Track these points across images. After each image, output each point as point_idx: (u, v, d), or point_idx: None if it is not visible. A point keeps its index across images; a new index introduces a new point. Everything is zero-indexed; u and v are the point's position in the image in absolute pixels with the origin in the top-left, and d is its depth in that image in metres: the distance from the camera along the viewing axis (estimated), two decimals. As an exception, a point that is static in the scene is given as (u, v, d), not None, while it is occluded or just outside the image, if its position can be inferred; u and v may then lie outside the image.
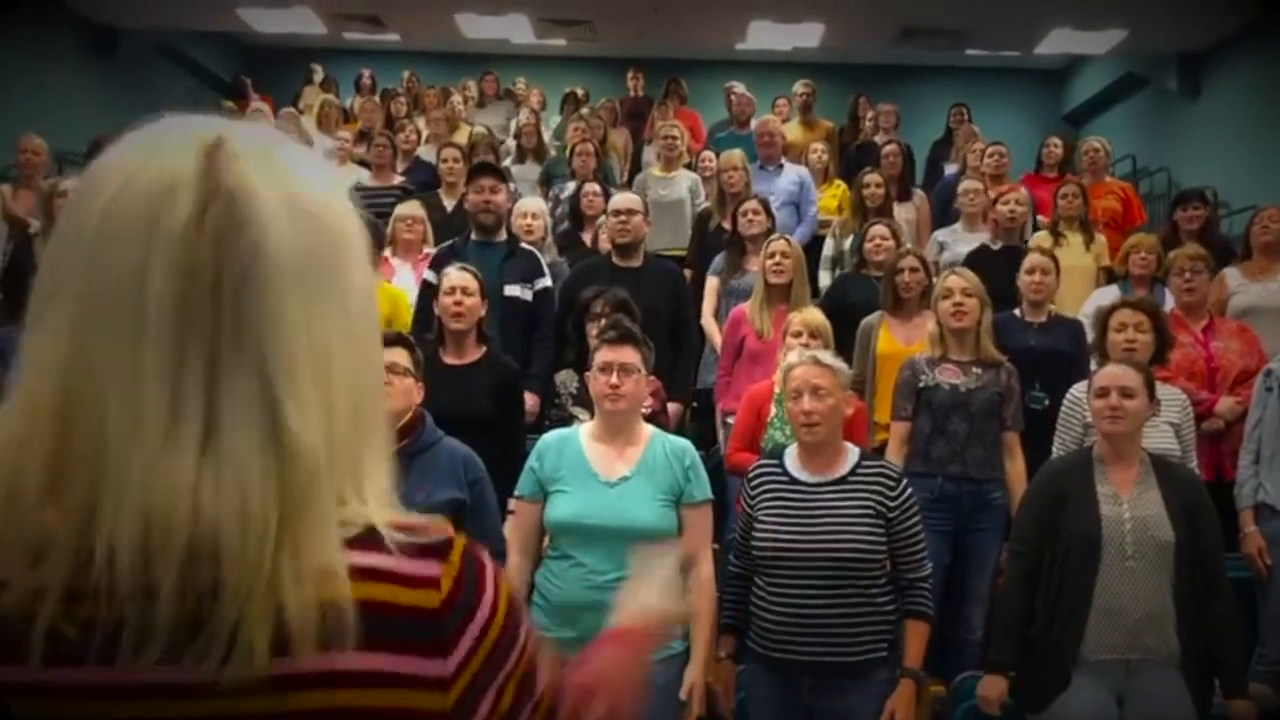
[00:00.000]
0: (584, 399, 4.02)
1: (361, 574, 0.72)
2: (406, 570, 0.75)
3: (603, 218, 5.85)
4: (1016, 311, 4.88)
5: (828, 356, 3.36)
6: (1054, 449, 4.03)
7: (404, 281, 5.48)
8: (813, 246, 6.50)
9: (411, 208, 5.90)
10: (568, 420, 4.24)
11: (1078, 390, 3.98)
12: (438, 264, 4.77)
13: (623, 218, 5.24)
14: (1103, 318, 4.21)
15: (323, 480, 0.72)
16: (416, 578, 0.75)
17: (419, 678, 0.73)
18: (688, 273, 5.88)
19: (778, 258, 4.87)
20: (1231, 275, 5.52)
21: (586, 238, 6.42)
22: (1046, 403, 4.51)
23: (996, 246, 5.93)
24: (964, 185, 6.65)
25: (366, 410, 0.78)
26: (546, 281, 5.04)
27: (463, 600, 0.76)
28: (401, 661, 0.73)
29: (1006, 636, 3.24)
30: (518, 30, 10.57)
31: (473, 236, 5.12)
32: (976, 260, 5.72)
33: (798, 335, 4.19)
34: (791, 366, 3.30)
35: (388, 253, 5.75)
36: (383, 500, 0.78)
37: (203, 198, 0.71)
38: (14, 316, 4.89)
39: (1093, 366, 3.96)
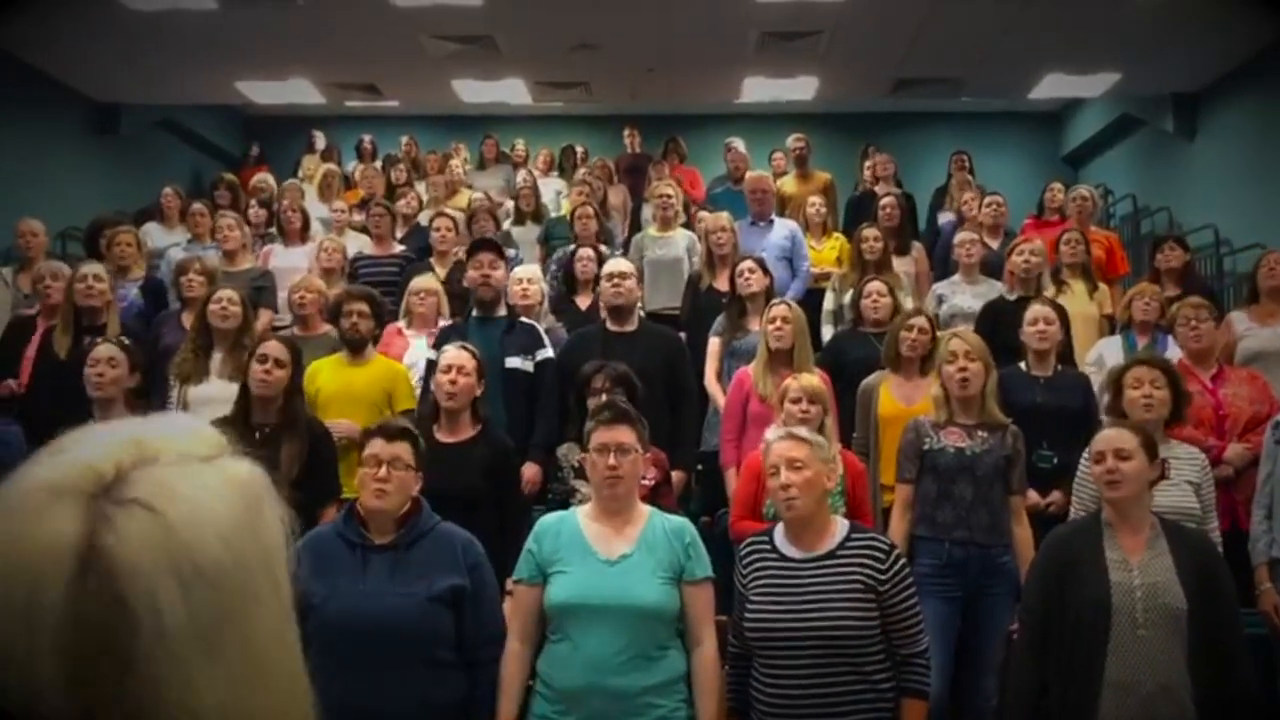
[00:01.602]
0: (586, 473, 3.99)
1: None
2: None
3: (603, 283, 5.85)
4: (1022, 365, 4.83)
5: (803, 431, 3.32)
6: (1071, 514, 3.96)
7: (418, 354, 5.48)
8: (811, 299, 6.49)
9: (425, 281, 5.93)
10: (570, 493, 4.21)
11: (1088, 455, 3.92)
12: (440, 343, 4.79)
13: (615, 281, 5.24)
14: (1116, 377, 4.14)
15: None
16: None
17: None
18: (683, 335, 5.85)
19: (778, 323, 4.84)
20: (1238, 319, 5.49)
21: (581, 302, 6.41)
22: (1055, 461, 4.46)
23: (1012, 297, 5.84)
24: (960, 236, 6.62)
25: None
26: (547, 352, 5.05)
27: None
28: None
29: (1020, 713, 3.15)
30: (514, 94, 10.67)
31: (474, 313, 5.15)
32: (992, 313, 5.69)
33: (796, 402, 4.15)
34: (769, 443, 3.26)
35: (401, 324, 5.77)
36: None
37: (76, 583, 0.68)
38: (36, 409, 4.94)
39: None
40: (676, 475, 4.80)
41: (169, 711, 0.68)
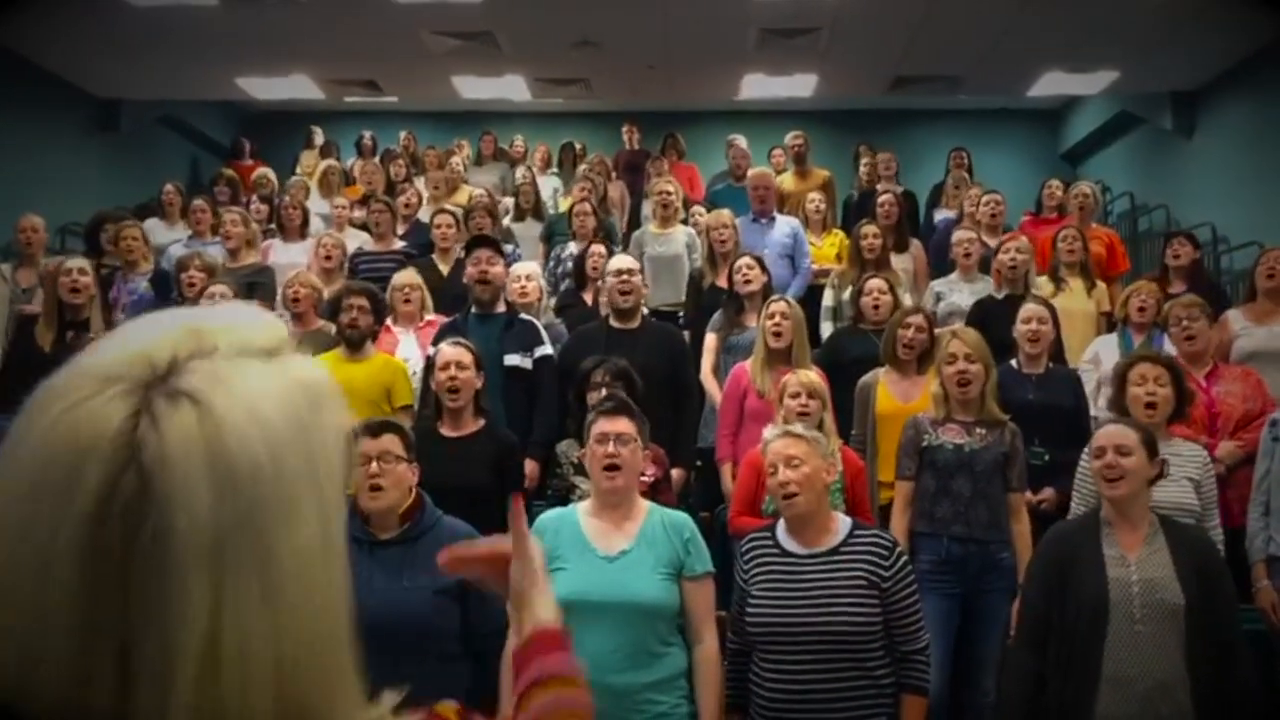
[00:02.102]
0: (585, 469, 4.00)
1: None
2: None
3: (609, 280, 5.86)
4: (1014, 363, 4.85)
5: (800, 427, 3.34)
6: (1071, 512, 3.98)
7: (407, 350, 5.50)
8: (811, 296, 6.51)
9: (407, 276, 5.92)
10: (569, 489, 4.23)
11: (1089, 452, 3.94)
12: (439, 340, 4.80)
13: (624, 277, 5.25)
14: (1120, 372, 4.16)
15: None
16: None
17: None
18: (686, 334, 5.87)
19: (777, 319, 4.86)
20: (1235, 318, 5.50)
21: (588, 297, 6.44)
22: (1047, 458, 4.49)
23: (1000, 296, 5.90)
24: (958, 235, 6.64)
25: (319, 663, 0.71)
26: (546, 349, 5.06)
27: None
28: None
29: (1018, 709, 3.16)
30: (514, 90, 10.68)
31: (472, 310, 5.16)
32: (981, 311, 5.71)
33: (795, 396, 4.18)
34: (767, 442, 3.28)
35: (389, 322, 5.77)
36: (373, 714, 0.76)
37: (110, 473, 0.66)
38: (14, 401, 4.94)
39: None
40: (677, 472, 4.82)
41: (185, 625, 0.65)
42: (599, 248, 6.57)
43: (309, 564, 0.71)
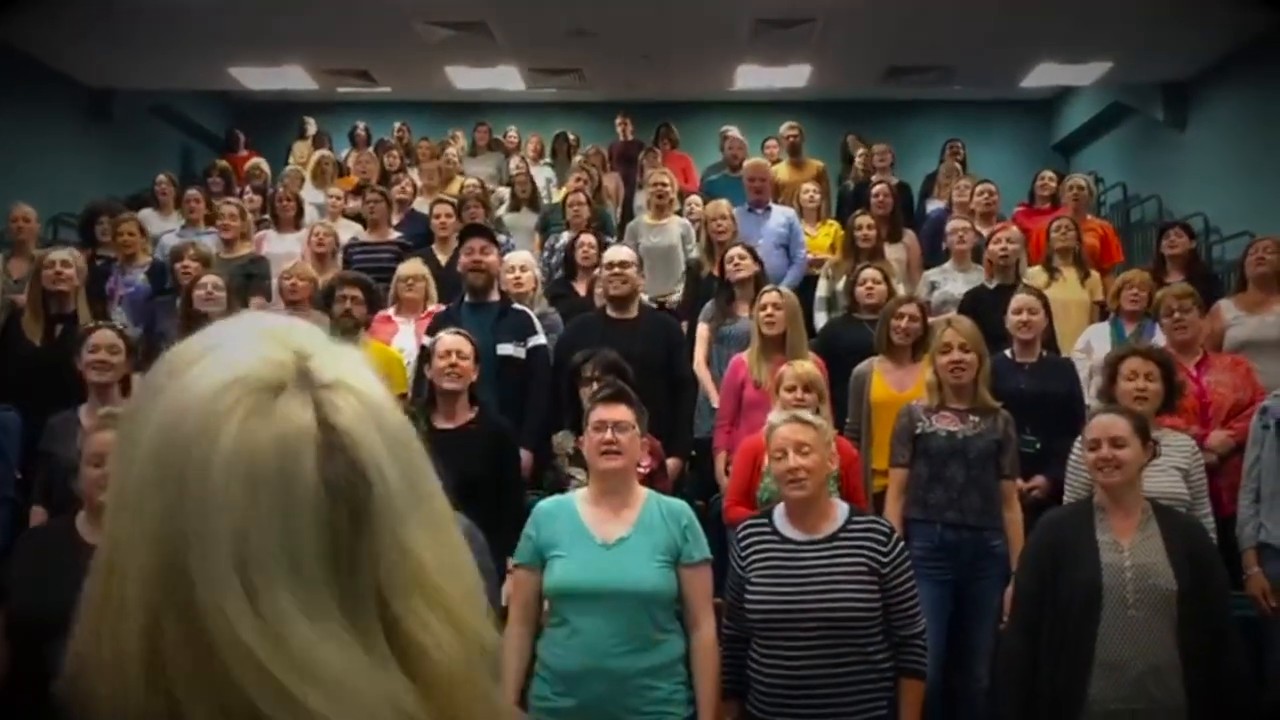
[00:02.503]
0: (580, 459, 4.01)
1: None
2: None
3: (598, 269, 5.87)
4: (1007, 353, 4.88)
5: (808, 414, 3.36)
6: (1064, 499, 4.01)
7: (406, 340, 5.50)
8: (806, 286, 6.53)
9: (413, 266, 5.93)
10: (564, 480, 4.24)
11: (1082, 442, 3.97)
12: (433, 330, 4.80)
13: (618, 270, 5.26)
14: (1112, 364, 4.20)
15: (472, 685, 0.79)
16: None
17: None
18: (683, 325, 5.88)
19: (770, 309, 4.87)
20: (1227, 307, 5.51)
21: (580, 288, 6.44)
22: (1038, 446, 4.52)
23: (992, 286, 5.93)
24: (952, 224, 6.68)
25: (481, 610, 0.83)
26: (539, 339, 5.06)
27: None
28: None
29: (1012, 693, 3.19)
30: (508, 80, 10.66)
31: (465, 299, 5.16)
32: (973, 301, 5.73)
33: (791, 389, 4.19)
34: (774, 426, 3.30)
35: (390, 311, 5.78)
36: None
37: (323, 459, 0.75)
38: (2, 393, 4.96)
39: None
40: (673, 462, 4.84)
41: (398, 562, 0.77)
42: (588, 237, 6.57)
43: (447, 514, 0.84)
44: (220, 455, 0.74)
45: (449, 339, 4.19)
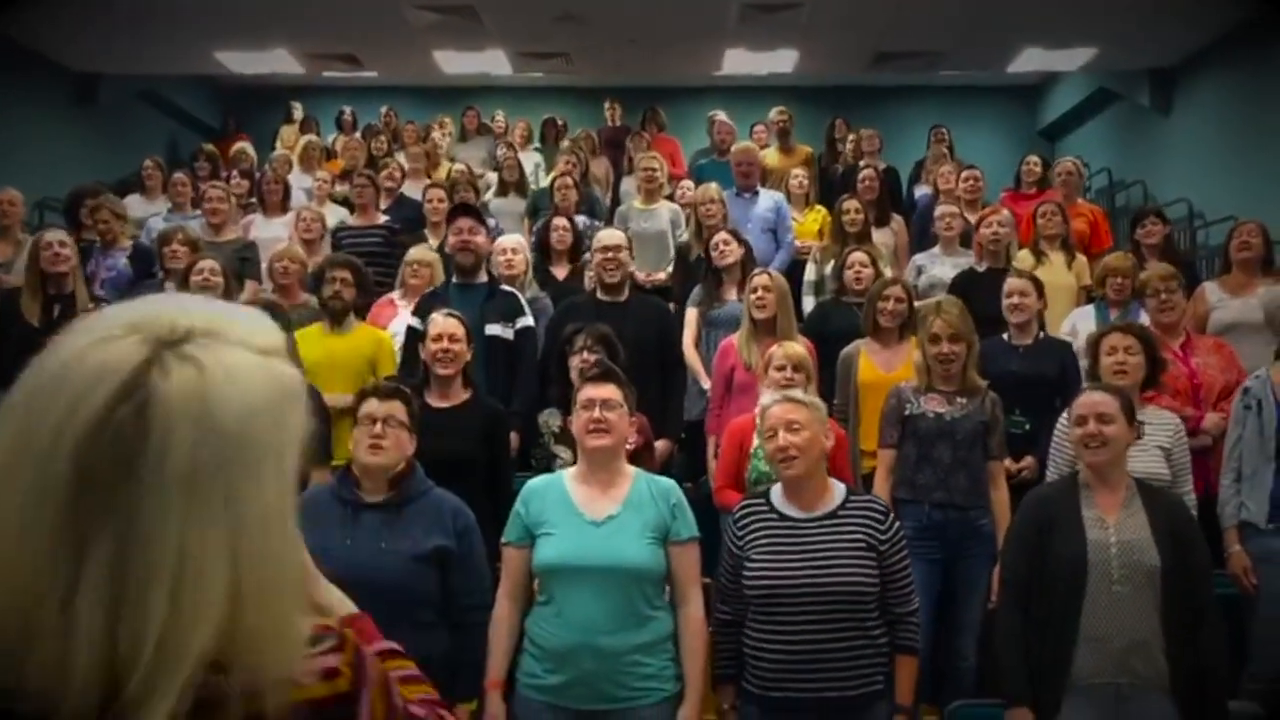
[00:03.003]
0: (566, 438, 4.03)
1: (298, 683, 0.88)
2: (322, 667, 0.92)
3: (587, 254, 5.88)
4: (1005, 335, 4.92)
5: (799, 393, 3.38)
6: (1047, 477, 4.05)
7: (403, 324, 5.48)
8: (794, 271, 6.55)
9: (420, 252, 5.96)
10: (550, 459, 4.26)
11: (1066, 419, 4.00)
12: (422, 310, 4.80)
13: (610, 254, 5.27)
14: (1094, 342, 4.25)
15: (148, 676, 0.79)
16: (330, 670, 0.92)
17: None
18: (673, 307, 5.89)
19: (760, 292, 4.89)
20: (1211, 290, 5.56)
21: (558, 272, 6.43)
22: (1027, 427, 4.55)
23: (982, 269, 5.95)
24: (940, 209, 6.70)
25: (270, 606, 0.85)
26: (528, 320, 5.06)
27: (359, 680, 0.95)
28: None
29: (1013, 667, 3.20)
30: (495, 65, 10.64)
31: (454, 279, 5.14)
32: (963, 284, 5.76)
33: (780, 369, 4.21)
34: (766, 406, 3.32)
35: (395, 295, 5.79)
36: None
37: (116, 397, 0.80)
38: (4, 375, 4.93)
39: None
40: (662, 444, 4.86)
41: (161, 542, 0.79)
42: (561, 221, 6.57)
43: (267, 519, 0.85)
44: (55, 359, 0.82)
45: (442, 322, 4.19)
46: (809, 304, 6.32)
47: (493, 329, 4.93)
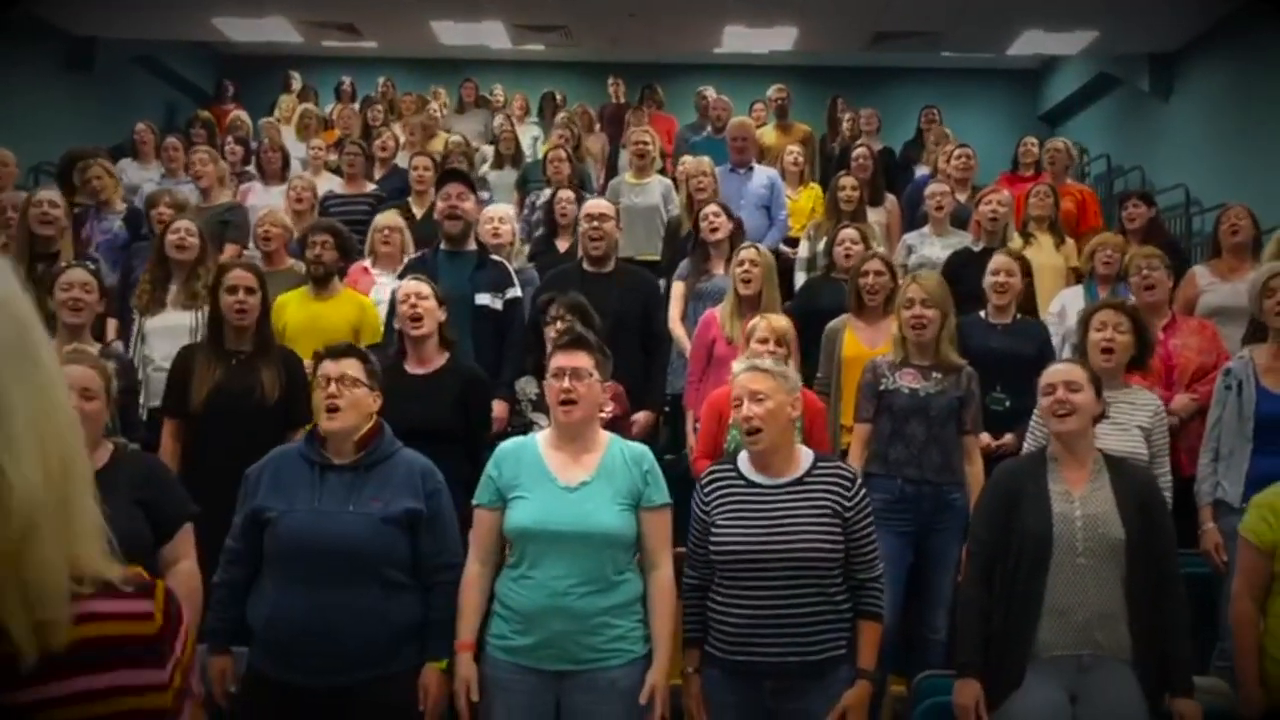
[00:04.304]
0: (543, 405, 4.03)
1: (102, 617, 0.94)
2: (132, 609, 0.98)
3: (582, 224, 5.87)
4: (982, 313, 4.92)
5: (768, 362, 3.38)
6: (1024, 450, 4.06)
7: (385, 293, 5.48)
8: (789, 246, 6.54)
9: (388, 218, 5.92)
10: (527, 426, 4.26)
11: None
12: (404, 276, 4.79)
13: (595, 223, 5.26)
14: (1084, 319, 4.25)
15: (42, 529, 0.89)
16: (139, 614, 0.98)
17: (150, 685, 0.97)
18: (662, 281, 5.89)
19: (746, 266, 4.88)
20: (1201, 273, 5.56)
21: (561, 245, 6.43)
22: (1007, 404, 4.56)
23: (978, 248, 5.93)
24: (930, 188, 6.68)
25: (73, 471, 0.93)
26: (516, 291, 5.04)
27: (169, 625, 1.00)
28: (137, 675, 0.96)
29: (970, 638, 3.22)
30: (494, 37, 10.60)
31: (442, 246, 5.12)
32: (958, 262, 5.75)
33: (763, 341, 4.21)
34: (735, 374, 3.32)
35: (368, 263, 5.77)
36: (103, 553, 0.97)
37: None
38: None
39: None
40: (646, 415, 4.87)
41: None
42: (566, 192, 6.54)
43: (59, 379, 0.96)
44: None
45: (408, 284, 4.18)
46: (801, 280, 6.33)
47: (482, 299, 4.91)
